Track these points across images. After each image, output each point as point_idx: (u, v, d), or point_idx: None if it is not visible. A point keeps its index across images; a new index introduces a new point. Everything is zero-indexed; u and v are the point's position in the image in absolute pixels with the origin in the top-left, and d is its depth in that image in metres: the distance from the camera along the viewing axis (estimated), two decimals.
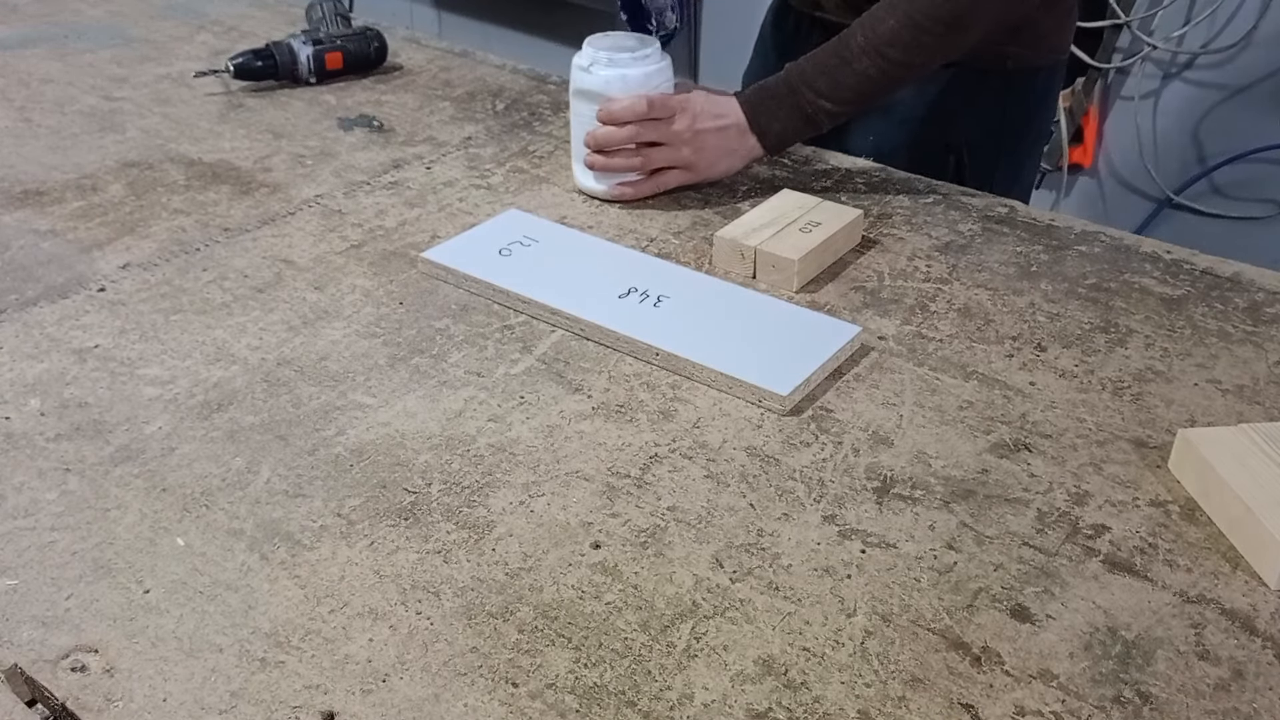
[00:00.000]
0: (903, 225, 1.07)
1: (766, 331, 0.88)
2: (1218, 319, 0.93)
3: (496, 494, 0.73)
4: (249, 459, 0.76)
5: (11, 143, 1.22)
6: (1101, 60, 2.21)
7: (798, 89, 1.06)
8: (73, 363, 0.85)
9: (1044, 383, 0.85)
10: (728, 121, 1.07)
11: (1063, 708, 0.59)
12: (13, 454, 0.76)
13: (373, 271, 0.98)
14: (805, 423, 0.80)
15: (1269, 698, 0.60)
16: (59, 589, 0.65)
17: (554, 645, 0.62)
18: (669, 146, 1.07)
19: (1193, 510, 0.72)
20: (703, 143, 1.08)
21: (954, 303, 0.95)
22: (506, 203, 1.10)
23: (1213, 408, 0.82)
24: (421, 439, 0.78)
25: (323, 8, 1.44)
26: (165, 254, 1.01)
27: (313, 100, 1.34)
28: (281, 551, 0.68)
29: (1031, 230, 1.07)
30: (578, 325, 0.90)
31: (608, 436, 0.78)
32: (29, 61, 1.45)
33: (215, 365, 0.85)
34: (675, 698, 0.59)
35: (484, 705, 0.58)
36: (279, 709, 0.58)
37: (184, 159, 1.19)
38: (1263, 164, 2.12)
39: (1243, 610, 0.65)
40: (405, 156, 1.20)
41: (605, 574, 0.67)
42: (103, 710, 0.58)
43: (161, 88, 1.37)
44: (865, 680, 0.60)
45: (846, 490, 0.74)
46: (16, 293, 0.94)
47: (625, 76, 1.06)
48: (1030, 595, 0.66)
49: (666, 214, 1.09)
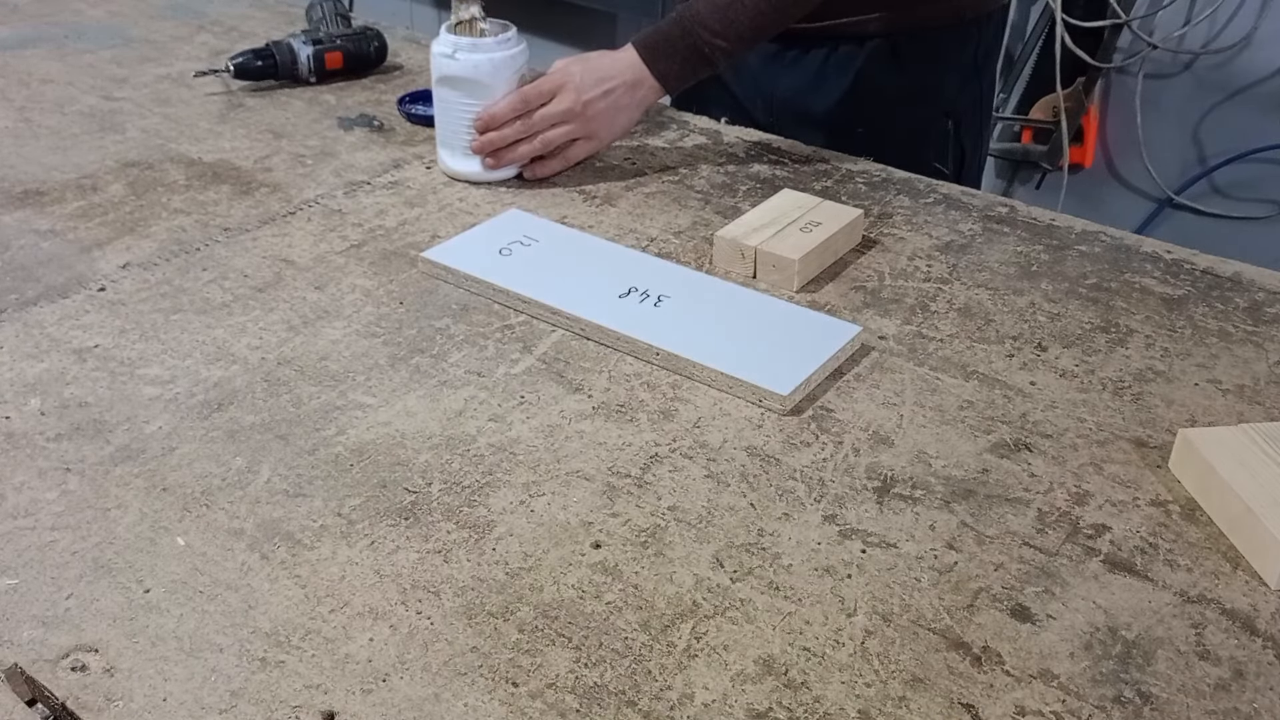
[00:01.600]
0: (903, 225, 1.07)
1: (767, 331, 0.88)
2: (1218, 319, 0.93)
3: (497, 494, 0.73)
4: (249, 459, 0.76)
5: (11, 143, 1.22)
6: (1101, 60, 2.21)
7: (692, 30, 1.09)
8: (73, 362, 0.85)
9: (1044, 382, 0.85)
10: (614, 84, 1.10)
11: (1063, 708, 0.59)
12: (13, 454, 0.76)
13: (373, 271, 0.98)
14: (805, 422, 0.80)
15: (1269, 698, 0.59)
16: (59, 589, 0.65)
17: (554, 645, 0.62)
18: (563, 125, 1.10)
19: (1193, 510, 0.72)
20: (594, 111, 1.10)
21: (954, 302, 0.95)
22: (506, 203, 1.10)
23: (1213, 408, 0.82)
24: (422, 439, 0.78)
25: (323, 8, 1.44)
26: (165, 254, 1.01)
27: (313, 100, 1.34)
28: (282, 551, 0.68)
29: (1032, 230, 1.07)
30: (578, 325, 0.90)
31: (608, 436, 0.78)
32: (29, 61, 1.45)
33: (215, 365, 0.85)
34: (675, 698, 0.59)
35: (484, 705, 0.58)
36: (279, 709, 0.58)
37: (184, 159, 1.19)
38: (1263, 164, 2.12)
39: (1243, 610, 0.65)
40: (405, 156, 1.20)
41: (605, 574, 0.67)
42: (103, 710, 0.58)
43: (161, 88, 1.37)
44: (865, 680, 0.60)
45: (847, 490, 0.74)
46: (16, 292, 0.94)
47: (491, 60, 1.08)
48: (1030, 595, 0.66)
49: (666, 214, 1.09)
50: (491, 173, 1.13)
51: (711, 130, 1.27)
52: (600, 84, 1.10)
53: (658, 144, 1.24)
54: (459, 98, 1.10)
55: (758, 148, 1.23)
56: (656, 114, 1.31)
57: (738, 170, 1.18)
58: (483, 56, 1.08)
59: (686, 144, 1.24)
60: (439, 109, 1.12)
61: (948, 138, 1.28)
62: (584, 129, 1.11)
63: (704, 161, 1.20)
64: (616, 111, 1.11)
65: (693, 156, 1.21)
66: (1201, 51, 2.13)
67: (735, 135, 1.26)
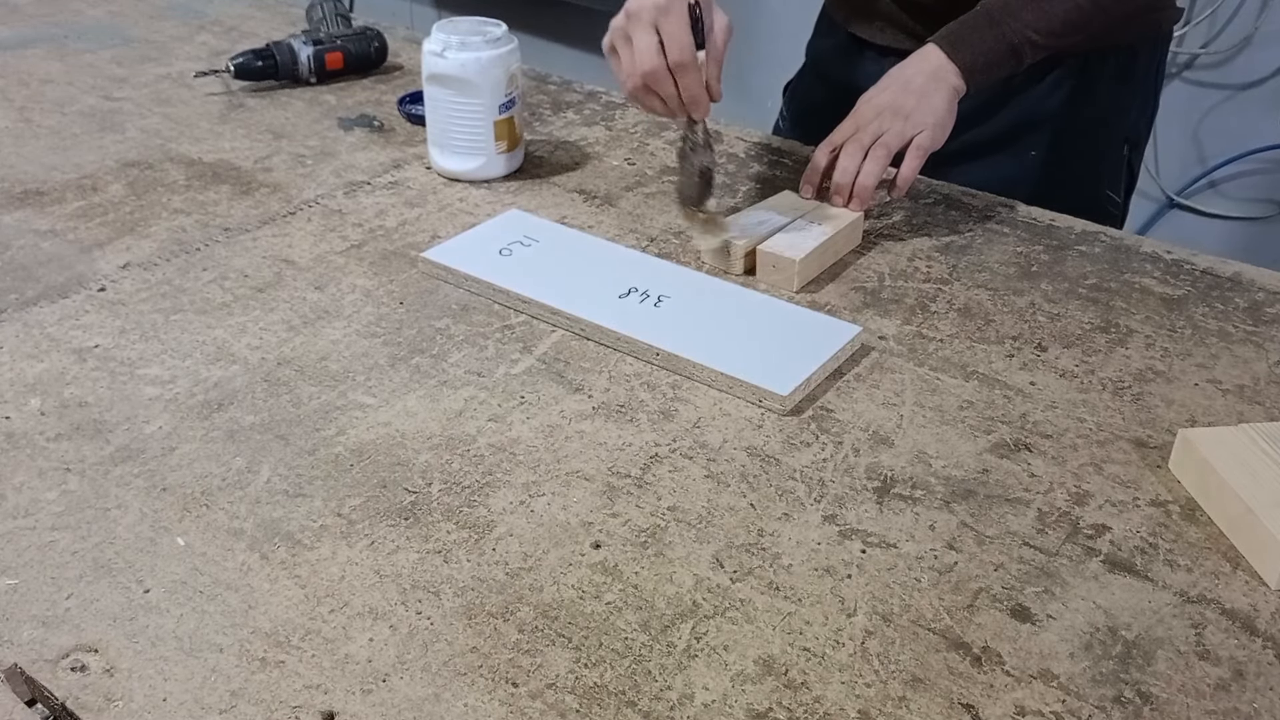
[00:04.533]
0: (903, 225, 1.07)
1: (767, 331, 0.88)
2: (1218, 319, 0.93)
3: (497, 494, 0.73)
4: (249, 459, 0.76)
5: (11, 143, 1.22)
6: None
7: (1000, 19, 1.00)
8: (73, 362, 0.85)
9: (1044, 383, 0.85)
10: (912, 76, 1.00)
11: (1063, 708, 0.59)
12: (13, 454, 0.76)
13: (373, 271, 0.98)
14: (805, 423, 0.80)
15: (1269, 698, 0.59)
16: (59, 589, 0.65)
17: (554, 645, 0.62)
18: (887, 125, 1.00)
19: (1193, 510, 0.72)
20: (907, 107, 0.99)
21: (954, 303, 0.95)
22: (507, 203, 1.10)
23: (1213, 408, 0.82)
24: (422, 439, 0.78)
25: (323, 8, 1.44)
26: (165, 254, 1.01)
27: (313, 100, 1.34)
28: (281, 551, 0.68)
29: (1032, 230, 1.07)
30: (578, 325, 0.90)
31: (608, 436, 0.78)
32: (29, 61, 1.45)
33: (215, 365, 0.85)
34: (675, 698, 0.59)
35: (484, 705, 0.58)
36: (279, 709, 0.58)
37: (184, 159, 1.19)
38: (1263, 164, 2.12)
39: (1243, 610, 0.65)
40: (405, 157, 1.20)
41: (605, 574, 0.67)
42: (103, 710, 0.58)
43: (161, 88, 1.37)
44: (865, 680, 0.60)
45: (847, 490, 0.74)
46: (16, 292, 0.94)
47: (479, 59, 1.08)
48: (1030, 595, 0.66)
49: (666, 214, 1.09)
50: (483, 171, 1.13)
51: (711, 130, 1.27)
52: (897, 90, 1.01)
53: (658, 144, 1.24)
54: (449, 96, 1.10)
55: (758, 148, 1.23)
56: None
57: (738, 170, 1.18)
58: (471, 55, 1.08)
59: None
60: (430, 107, 1.13)
61: (1122, 165, 1.20)
62: (909, 124, 1.00)
63: None
64: (926, 98, 0.99)
65: None
66: (1201, 51, 2.13)
67: (735, 135, 1.26)
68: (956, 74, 1.00)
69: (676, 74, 0.90)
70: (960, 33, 1.02)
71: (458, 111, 1.10)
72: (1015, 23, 1.00)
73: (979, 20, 1.02)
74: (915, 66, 1.02)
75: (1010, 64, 1.02)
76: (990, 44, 1.01)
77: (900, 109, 1.00)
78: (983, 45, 1.01)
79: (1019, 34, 1.00)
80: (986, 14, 1.01)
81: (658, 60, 0.89)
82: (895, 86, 1.01)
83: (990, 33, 1.01)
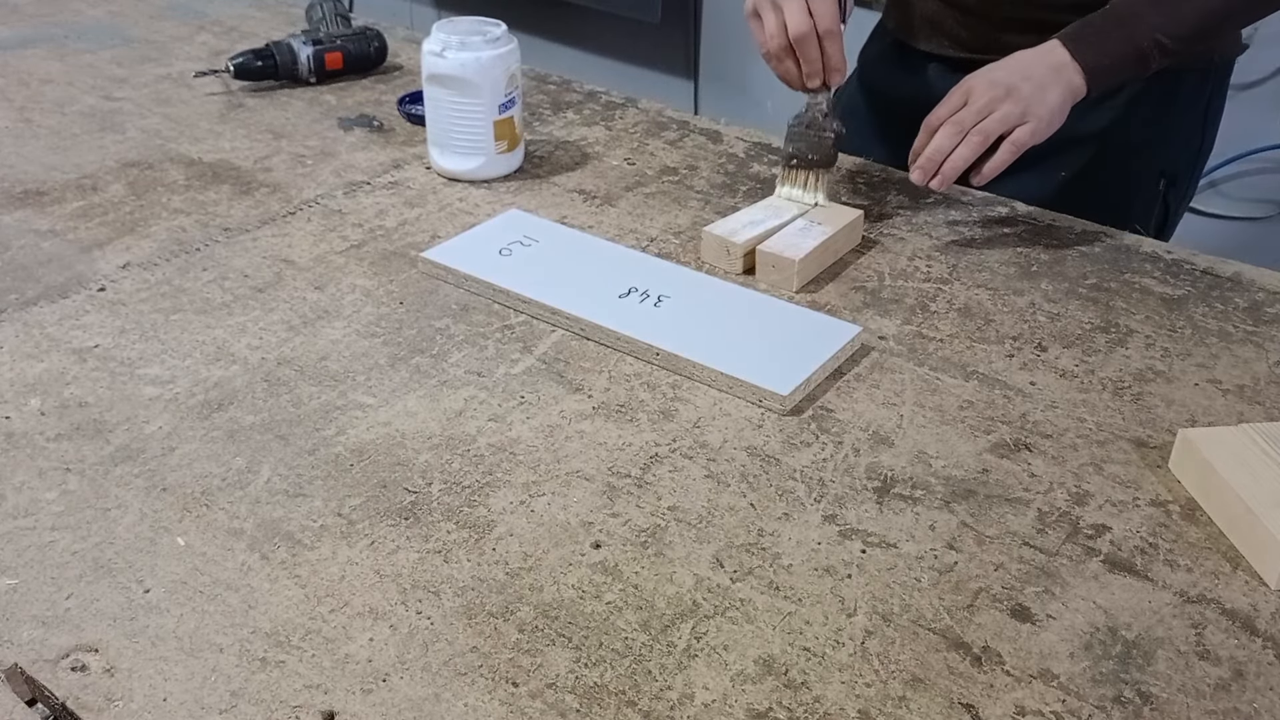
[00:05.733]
0: (903, 225, 1.07)
1: (767, 331, 0.88)
2: (1218, 319, 0.93)
3: (497, 494, 0.73)
4: (249, 459, 0.76)
5: (11, 143, 1.22)
6: None
7: (1127, 19, 0.96)
8: (73, 362, 0.85)
9: (1044, 383, 0.85)
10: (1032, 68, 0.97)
11: (1063, 708, 0.59)
12: (13, 454, 0.76)
13: (373, 271, 0.98)
14: (805, 423, 0.80)
15: (1269, 698, 0.59)
16: (59, 589, 0.65)
17: (554, 645, 0.62)
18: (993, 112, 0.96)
19: (1193, 510, 0.72)
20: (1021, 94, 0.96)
21: (954, 303, 0.95)
22: (506, 203, 1.10)
23: (1213, 407, 0.82)
24: (422, 439, 0.78)
25: (323, 8, 1.44)
26: (165, 254, 1.01)
27: (313, 100, 1.34)
28: (281, 551, 0.68)
29: (1032, 230, 1.07)
30: (578, 325, 0.90)
31: (608, 436, 0.78)
32: (29, 61, 1.45)
33: (215, 365, 0.85)
34: (675, 698, 0.59)
35: (484, 705, 0.58)
36: (279, 709, 0.58)
37: (184, 159, 1.19)
38: (1263, 164, 2.12)
39: (1243, 610, 0.65)
40: (405, 157, 1.20)
41: (605, 574, 0.67)
42: (103, 710, 0.58)
43: (161, 88, 1.37)
44: (865, 680, 0.60)
45: (847, 490, 0.74)
46: (16, 293, 0.94)
47: (479, 59, 1.08)
48: (1030, 595, 0.66)
49: (666, 214, 1.09)
50: (483, 171, 1.13)
51: (711, 130, 1.27)
52: (1016, 71, 0.96)
53: (657, 144, 1.24)
54: (449, 96, 1.10)
55: (758, 148, 1.23)
56: (657, 114, 1.31)
57: (737, 170, 1.18)
58: (471, 55, 1.08)
59: (686, 144, 1.24)
60: (429, 107, 1.13)
61: (1156, 199, 1.16)
62: (1017, 110, 0.95)
63: (704, 162, 1.20)
64: (1042, 89, 0.95)
65: (693, 157, 1.21)
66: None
67: (735, 135, 1.26)
68: (1079, 73, 0.96)
69: (825, 40, 0.96)
70: (1086, 32, 0.97)
71: (457, 111, 1.10)
72: (1143, 24, 0.96)
73: (1107, 20, 0.97)
74: (1038, 57, 0.97)
75: (1135, 68, 0.98)
76: (1117, 45, 0.96)
77: (1015, 92, 0.96)
78: (1109, 46, 0.96)
79: (1148, 37, 0.96)
80: (1115, 14, 0.97)
81: (809, 26, 0.95)
82: (1014, 67, 0.97)
83: (1118, 33, 0.96)
